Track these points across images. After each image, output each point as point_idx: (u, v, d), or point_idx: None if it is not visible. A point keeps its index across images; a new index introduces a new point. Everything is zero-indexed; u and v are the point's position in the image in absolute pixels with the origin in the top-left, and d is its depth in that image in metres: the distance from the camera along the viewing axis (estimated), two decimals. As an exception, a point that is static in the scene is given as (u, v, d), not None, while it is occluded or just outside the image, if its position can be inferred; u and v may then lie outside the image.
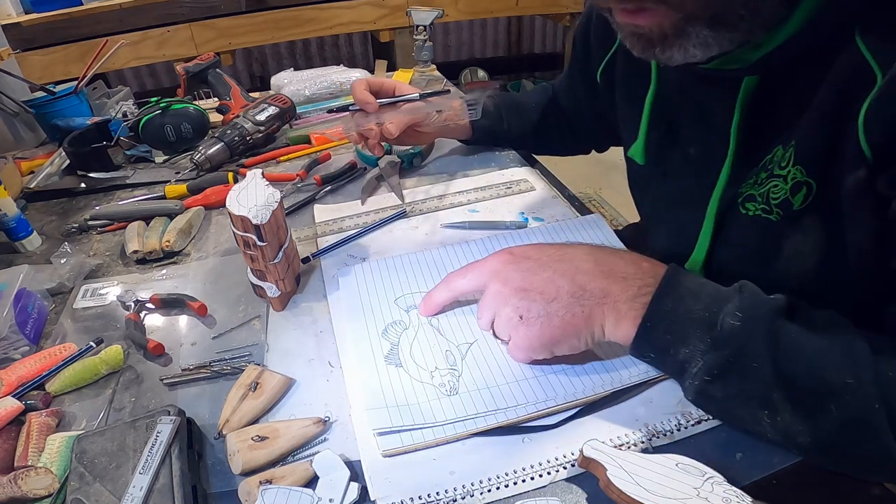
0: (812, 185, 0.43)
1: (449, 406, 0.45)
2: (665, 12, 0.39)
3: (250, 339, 0.55)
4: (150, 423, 0.43)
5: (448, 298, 0.53)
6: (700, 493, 0.36)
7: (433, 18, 1.24)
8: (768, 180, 0.46)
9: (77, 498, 0.39)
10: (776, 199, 0.46)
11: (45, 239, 0.77)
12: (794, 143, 0.44)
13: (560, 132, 0.85)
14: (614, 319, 0.43)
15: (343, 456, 0.42)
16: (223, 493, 0.42)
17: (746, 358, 0.38)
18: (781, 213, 0.46)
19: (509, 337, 0.47)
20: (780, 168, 0.45)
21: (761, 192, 0.47)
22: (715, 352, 0.39)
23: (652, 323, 0.42)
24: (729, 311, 0.39)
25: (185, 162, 0.93)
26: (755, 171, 0.48)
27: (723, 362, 0.39)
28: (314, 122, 1.01)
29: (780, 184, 0.45)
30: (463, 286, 0.51)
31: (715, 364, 0.39)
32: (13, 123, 1.06)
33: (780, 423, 0.37)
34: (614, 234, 0.63)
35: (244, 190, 0.54)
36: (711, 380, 0.39)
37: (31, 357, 0.54)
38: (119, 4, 1.88)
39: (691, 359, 0.40)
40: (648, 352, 0.43)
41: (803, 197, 0.44)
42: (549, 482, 0.40)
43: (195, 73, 1.09)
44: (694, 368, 0.40)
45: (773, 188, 0.46)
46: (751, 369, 0.38)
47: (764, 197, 0.47)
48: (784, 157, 0.44)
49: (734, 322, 0.38)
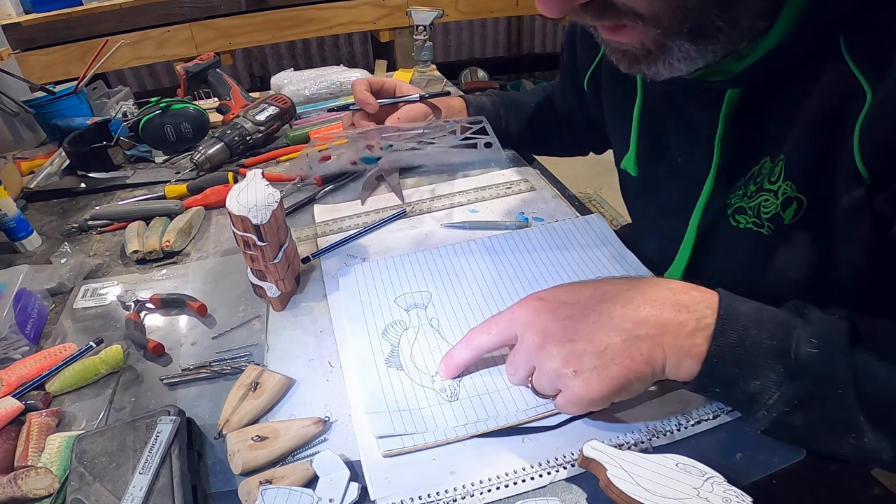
0: (803, 201, 0.43)
1: (450, 412, 0.45)
2: (644, 29, 0.39)
3: (250, 339, 0.55)
4: (150, 423, 0.43)
5: (471, 358, 0.47)
6: (700, 493, 0.36)
7: (433, 18, 1.25)
8: (758, 194, 0.46)
9: (77, 498, 0.39)
10: (767, 213, 0.45)
11: (45, 239, 0.77)
12: (784, 157, 0.44)
13: (558, 133, 0.85)
14: (676, 359, 0.39)
15: (343, 456, 0.42)
16: (223, 493, 0.42)
17: (829, 385, 0.36)
18: (773, 227, 0.45)
19: (556, 391, 0.42)
20: (770, 182, 0.45)
21: (752, 206, 0.47)
22: (793, 381, 0.37)
23: (719, 358, 0.38)
24: (802, 338, 0.37)
25: (185, 162, 0.92)
26: (742, 183, 0.48)
27: (803, 391, 0.37)
28: (314, 122, 1.01)
29: (771, 198, 0.45)
30: (488, 343, 0.45)
31: (795, 394, 0.37)
32: (13, 123, 1.06)
33: (865, 444, 0.36)
34: (614, 234, 0.63)
35: (244, 190, 0.54)
36: (791, 410, 0.37)
37: (31, 357, 0.54)
38: (119, 4, 1.88)
39: (764, 390, 0.38)
40: (714, 387, 0.40)
41: (794, 212, 0.44)
42: (549, 482, 0.40)
43: (195, 73, 1.09)
44: (770, 400, 0.38)
45: (764, 202, 0.45)
46: (834, 395, 0.36)
47: (755, 210, 0.46)
48: (774, 172, 0.44)
49: (811, 350, 0.37)
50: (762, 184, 0.46)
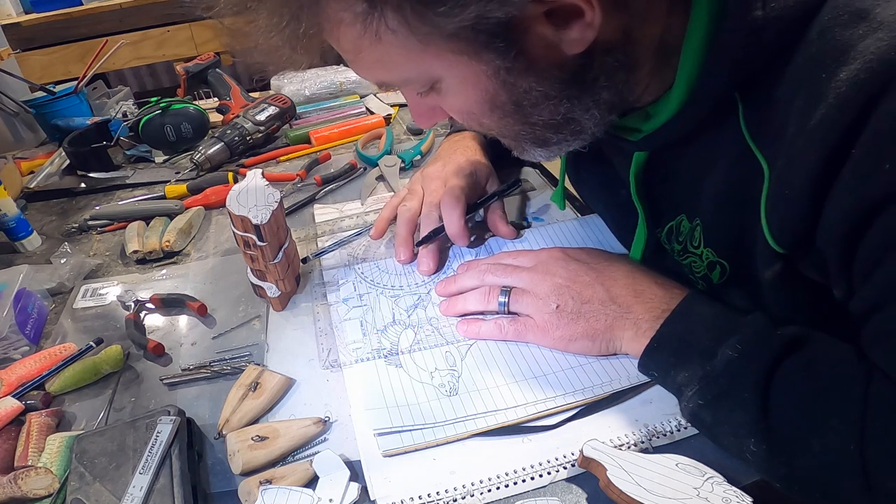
0: (726, 266, 0.45)
1: (449, 406, 0.45)
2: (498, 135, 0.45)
3: (250, 339, 0.55)
4: (150, 423, 0.43)
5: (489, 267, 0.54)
6: (700, 493, 0.36)
7: (433, 18, 1.24)
8: (685, 254, 0.48)
9: (77, 498, 0.39)
10: (697, 272, 0.48)
11: (45, 239, 0.77)
12: (700, 223, 0.46)
13: None
14: (633, 335, 0.45)
15: (343, 456, 0.42)
16: (223, 493, 0.42)
17: (738, 388, 0.38)
18: (704, 285, 0.48)
19: (528, 315, 0.49)
20: (692, 246, 0.47)
21: (685, 263, 0.49)
22: (708, 379, 0.40)
23: (659, 344, 0.44)
24: (730, 343, 0.40)
25: (185, 162, 0.92)
26: (665, 238, 0.51)
27: (716, 389, 0.39)
28: (314, 122, 1.01)
29: (698, 261, 0.47)
30: (508, 261, 0.54)
31: (708, 391, 0.40)
32: (13, 123, 1.06)
33: (762, 453, 0.37)
34: (613, 235, 0.63)
35: (244, 190, 0.54)
36: (704, 404, 0.40)
37: (31, 357, 0.54)
38: (119, 4, 1.89)
39: (688, 383, 0.41)
40: (653, 370, 0.45)
41: (719, 274, 0.46)
42: (549, 482, 0.40)
43: (195, 73, 1.09)
44: (689, 392, 0.41)
45: (693, 263, 0.48)
46: (740, 399, 0.38)
47: (688, 268, 0.49)
48: (694, 237, 0.47)
49: (731, 353, 0.39)
50: (686, 245, 0.48)
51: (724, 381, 0.39)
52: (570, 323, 0.47)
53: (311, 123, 1.01)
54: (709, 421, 0.40)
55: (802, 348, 0.39)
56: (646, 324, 0.45)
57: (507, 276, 0.53)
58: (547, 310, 0.48)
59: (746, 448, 0.38)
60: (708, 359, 0.40)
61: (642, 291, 0.47)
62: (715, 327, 0.42)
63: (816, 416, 0.36)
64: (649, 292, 0.46)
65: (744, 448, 0.38)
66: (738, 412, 0.38)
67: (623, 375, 0.46)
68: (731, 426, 0.39)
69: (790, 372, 0.38)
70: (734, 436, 0.39)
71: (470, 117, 0.43)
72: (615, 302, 0.47)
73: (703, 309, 0.44)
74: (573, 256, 0.52)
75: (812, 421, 0.36)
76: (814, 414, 0.36)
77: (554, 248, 0.54)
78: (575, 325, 0.47)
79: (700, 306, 0.44)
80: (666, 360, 0.43)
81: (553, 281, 0.49)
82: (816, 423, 0.36)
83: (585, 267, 0.50)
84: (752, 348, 0.39)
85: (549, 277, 0.50)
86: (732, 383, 0.39)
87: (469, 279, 0.55)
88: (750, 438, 0.37)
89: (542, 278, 0.50)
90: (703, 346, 0.41)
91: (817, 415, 0.36)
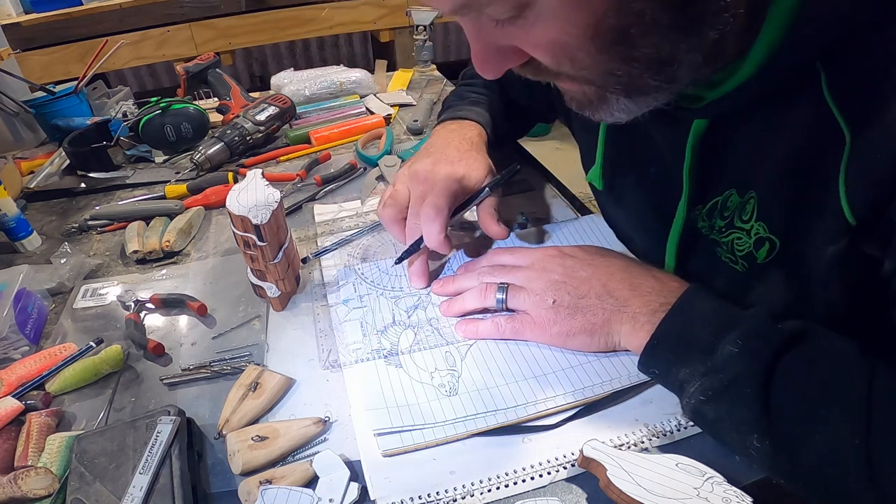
0: (776, 242, 0.43)
1: (448, 406, 0.45)
2: (580, 84, 0.39)
3: (250, 339, 0.55)
4: (150, 423, 0.43)
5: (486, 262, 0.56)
6: (700, 493, 0.36)
7: (433, 18, 1.24)
8: (729, 230, 0.46)
9: (77, 498, 0.39)
10: (741, 251, 0.46)
11: (45, 239, 0.77)
12: (756, 195, 0.43)
13: (510, 119, 0.79)
14: (630, 329, 0.45)
15: (343, 456, 0.42)
16: (223, 493, 0.42)
17: (739, 384, 0.38)
18: (746, 265, 0.46)
19: (525, 311, 0.50)
20: (741, 220, 0.45)
21: (726, 241, 0.47)
22: (710, 375, 0.39)
23: (659, 341, 0.43)
24: (730, 338, 0.39)
25: (185, 162, 0.92)
26: (705, 213, 0.48)
27: (717, 385, 0.39)
28: (314, 122, 1.01)
29: (744, 237, 0.45)
30: (505, 260, 0.56)
31: (710, 387, 0.39)
32: (13, 123, 1.06)
33: (765, 449, 0.37)
34: (614, 235, 0.63)
35: (244, 190, 0.54)
36: (706, 400, 0.40)
37: (31, 357, 0.54)
38: (119, 4, 1.88)
39: (690, 379, 0.41)
40: (653, 368, 0.44)
41: (767, 252, 0.44)
42: (549, 482, 0.40)
43: (195, 73, 1.09)
44: (691, 388, 0.40)
45: (737, 240, 0.46)
46: (742, 394, 0.38)
47: (729, 246, 0.47)
48: (745, 210, 0.44)
49: (732, 349, 0.39)
50: (732, 220, 0.46)
51: (724, 376, 0.39)
52: (568, 318, 0.47)
53: (311, 123, 1.01)
54: (711, 417, 0.40)
55: (804, 342, 0.38)
56: (643, 317, 0.45)
57: (503, 275, 0.53)
58: (544, 306, 0.49)
59: (749, 444, 0.38)
60: (708, 354, 0.40)
61: (639, 285, 0.47)
62: (715, 322, 0.41)
63: (820, 411, 0.36)
64: (646, 286, 0.47)
65: (747, 444, 0.38)
66: (740, 408, 0.38)
67: (623, 374, 0.46)
68: (733, 422, 0.39)
69: (792, 366, 0.37)
70: (737, 432, 0.38)
71: (562, 52, 0.35)
72: (612, 296, 0.47)
73: (702, 304, 0.44)
74: (569, 253, 0.52)
75: (815, 415, 0.36)
76: (817, 408, 0.36)
77: (550, 246, 0.54)
78: (572, 321, 0.47)
79: (699, 301, 0.44)
80: (666, 357, 0.43)
81: (549, 277, 0.50)
82: (820, 417, 0.36)
83: (581, 263, 0.50)
84: (753, 343, 0.39)
85: (546, 274, 0.50)
86: (733, 379, 0.38)
87: (467, 280, 0.56)
88: (752, 434, 0.37)
89: (538, 275, 0.51)
90: (704, 342, 0.41)
91: (820, 409, 0.36)
